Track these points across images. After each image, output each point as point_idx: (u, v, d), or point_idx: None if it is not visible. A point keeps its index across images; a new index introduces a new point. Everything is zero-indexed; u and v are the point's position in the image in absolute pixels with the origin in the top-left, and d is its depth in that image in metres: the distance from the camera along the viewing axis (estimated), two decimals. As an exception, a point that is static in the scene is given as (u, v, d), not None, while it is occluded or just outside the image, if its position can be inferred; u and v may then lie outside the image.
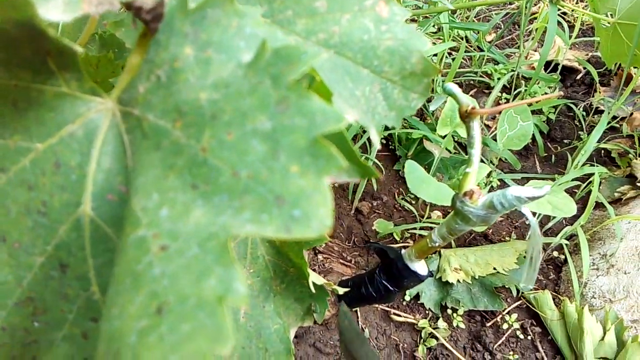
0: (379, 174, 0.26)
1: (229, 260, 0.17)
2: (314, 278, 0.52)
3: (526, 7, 1.17)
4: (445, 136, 0.94)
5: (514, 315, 0.89)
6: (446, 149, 1.17)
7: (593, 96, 1.31)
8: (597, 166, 1.12)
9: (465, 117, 0.53)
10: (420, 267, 0.60)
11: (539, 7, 1.53)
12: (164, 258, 0.18)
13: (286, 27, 0.32)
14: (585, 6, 1.57)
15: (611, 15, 1.08)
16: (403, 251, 0.61)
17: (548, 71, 1.39)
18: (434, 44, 1.25)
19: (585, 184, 1.02)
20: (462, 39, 1.44)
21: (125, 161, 0.24)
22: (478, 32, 1.36)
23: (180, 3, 0.22)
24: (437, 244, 0.57)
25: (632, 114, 1.24)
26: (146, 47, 0.24)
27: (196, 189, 0.19)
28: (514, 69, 1.22)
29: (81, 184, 0.25)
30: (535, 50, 1.48)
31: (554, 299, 0.90)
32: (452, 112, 0.88)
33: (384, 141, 1.18)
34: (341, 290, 0.54)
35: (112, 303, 0.19)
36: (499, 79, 1.25)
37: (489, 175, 1.09)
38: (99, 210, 0.25)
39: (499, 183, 1.12)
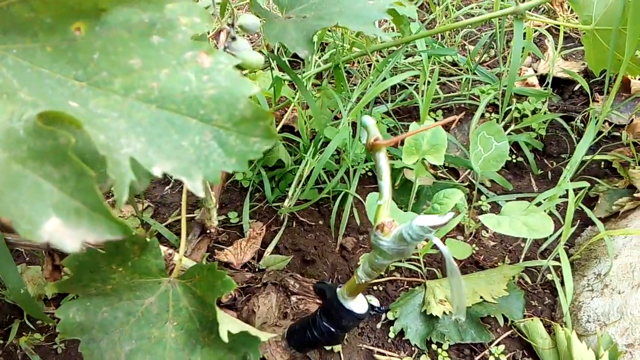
0: (132, 229, 0.26)
1: None
2: (232, 327, 0.51)
3: (500, 26, 1.15)
4: (415, 163, 0.92)
5: (505, 346, 0.84)
6: (434, 175, 1.15)
7: (589, 107, 1.25)
8: (592, 179, 1.07)
9: (371, 149, 0.52)
10: (356, 305, 0.58)
11: (531, 23, 1.50)
12: None
13: (103, 87, 0.33)
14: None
15: (588, 23, 1.04)
16: (338, 290, 0.59)
17: (543, 85, 1.34)
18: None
19: (577, 198, 0.97)
20: (450, 63, 1.42)
21: None
22: (456, 55, 1.34)
23: None
24: (363, 281, 0.55)
25: (632, 120, 1.17)
26: None
27: None
28: (498, 89, 1.19)
29: None
30: (529, 66, 1.44)
31: (549, 326, 0.84)
32: (415, 139, 0.86)
33: (370, 174, 1.17)
34: (264, 337, 0.52)
35: None
36: (485, 99, 1.22)
37: (477, 198, 1.05)
38: None
39: (489, 206, 1.07)
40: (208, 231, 0.84)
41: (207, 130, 0.35)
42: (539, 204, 0.87)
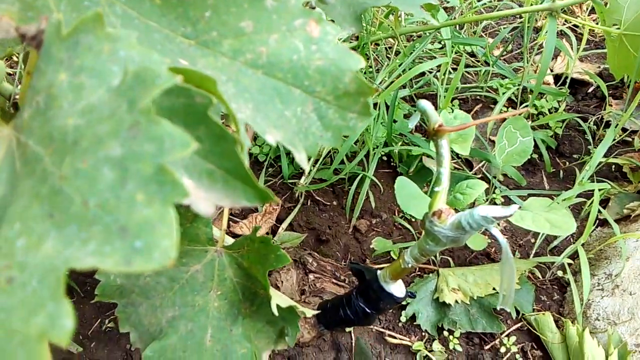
0: (276, 199, 0.25)
1: (60, 294, 0.16)
2: (280, 301, 0.50)
3: (529, 21, 1.14)
4: (440, 153, 0.92)
5: (514, 338, 0.85)
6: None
7: (605, 109, 1.27)
8: (605, 181, 1.08)
9: (434, 134, 0.51)
10: (396, 288, 0.58)
11: (547, 20, 1.50)
12: (8, 291, 0.18)
13: (212, 47, 0.32)
14: (597, 18, 1.54)
15: (617, 27, 1.04)
16: (379, 272, 0.59)
17: (558, 85, 1.35)
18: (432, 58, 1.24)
19: (592, 200, 0.99)
20: (468, 54, 1.42)
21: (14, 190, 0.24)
22: (484, 47, 1.34)
23: (55, 30, 0.21)
24: (410, 265, 0.55)
25: (644, 127, 1.19)
26: (36, 73, 0.24)
27: (52, 218, 0.19)
28: (519, 84, 1.20)
29: (-22, 212, 0.24)
30: (545, 64, 1.44)
31: (557, 321, 0.86)
32: (445, 128, 0.86)
33: (385, 158, 1.17)
34: (309, 313, 0.52)
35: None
36: (504, 93, 1.22)
37: (491, 191, 1.06)
38: (-6, 238, 0.24)
39: (502, 200, 1.08)
40: (231, 202, 0.83)
41: (309, 102, 0.34)
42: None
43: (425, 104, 0.54)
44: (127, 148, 0.18)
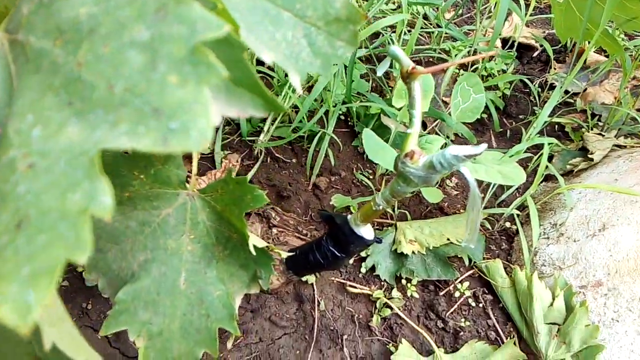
0: (285, 108, 0.25)
1: (95, 174, 0.16)
2: (255, 241, 0.51)
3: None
4: (400, 108, 0.94)
5: (467, 284, 0.90)
6: (403, 124, 1.18)
7: (549, 73, 1.33)
8: (548, 139, 1.14)
9: (407, 77, 0.52)
10: (366, 231, 0.60)
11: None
12: (30, 176, 0.17)
13: (202, -35, 0.31)
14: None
15: (564, -10, 1.09)
16: (349, 216, 0.61)
17: (505, 48, 1.40)
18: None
19: (537, 156, 1.04)
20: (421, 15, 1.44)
21: (12, 92, 0.23)
22: (437, 9, 1.36)
23: None
24: (380, 207, 0.57)
25: (585, 89, 1.26)
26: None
27: (71, 106, 0.18)
28: (472, 46, 1.23)
29: (-32, 118, 0.23)
30: (493, 28, 1.48)
31: (505, 268, 0.92)
32: (405, 83, 0.88)
33: (343, 117, 1.18)
34: (284, 254, 0.53)
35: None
36: (456, 55, 1.25)
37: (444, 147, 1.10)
38: (-13, 145, 0.23)
39: (455, 157, 1.12)
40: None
41: (299, 27, 0.34)
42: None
43: (395, 49, 0.55)
44: (155, 30, 0.18)
